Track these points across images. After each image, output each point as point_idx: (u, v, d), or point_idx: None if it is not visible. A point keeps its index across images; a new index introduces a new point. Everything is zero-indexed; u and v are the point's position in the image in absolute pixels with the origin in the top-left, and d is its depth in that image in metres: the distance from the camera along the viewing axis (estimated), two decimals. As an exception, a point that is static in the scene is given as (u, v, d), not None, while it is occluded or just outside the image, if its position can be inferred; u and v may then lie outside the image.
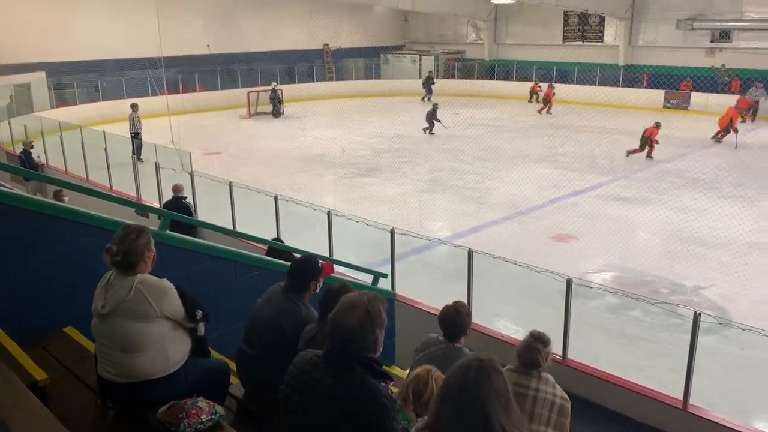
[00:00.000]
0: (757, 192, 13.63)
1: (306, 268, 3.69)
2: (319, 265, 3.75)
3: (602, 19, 30.34)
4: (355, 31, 34.05)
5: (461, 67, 33.59)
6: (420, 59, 33.65)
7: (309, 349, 2.46)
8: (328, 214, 8.09)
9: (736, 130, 18.94)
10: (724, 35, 26.69)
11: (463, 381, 1.87)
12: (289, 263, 5.77)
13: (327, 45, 32.21)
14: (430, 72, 30.94)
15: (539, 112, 25.59)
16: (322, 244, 7.90)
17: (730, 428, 4.82)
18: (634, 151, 17.13)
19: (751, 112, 23.02)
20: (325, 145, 19.20)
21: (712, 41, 26.98)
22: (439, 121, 20.60)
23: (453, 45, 35.24)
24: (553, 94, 25.90)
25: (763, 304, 8.07)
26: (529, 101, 28.31)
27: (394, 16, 36.33)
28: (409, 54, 34.73)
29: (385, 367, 2.49)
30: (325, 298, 3.33)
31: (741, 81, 25.40)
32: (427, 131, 20.66)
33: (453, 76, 32.41)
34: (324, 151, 18.37)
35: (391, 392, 2.43)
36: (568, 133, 21.36)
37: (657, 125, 17.03)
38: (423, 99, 28.58)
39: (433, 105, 20.93)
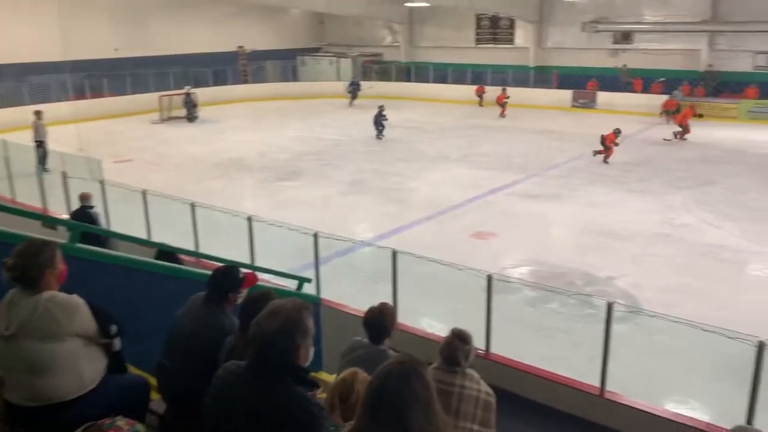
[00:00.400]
0: (660, 186, 14.48)
1: (226, 279, 3.59)
2: (241, 275, 3.65)
3: (512, 22, 31.35)
4: (270, 33, 33.64)
5: (379, 69, 33.84)
6: (337, 61, 33.64)
7: (232, 361, 2.39)
8: (249, 220, 7.94)
9: (686, 128, 19.83)
10: (626, 37, 28.18)
11: (383, 387, 1.85)
12: (176, 263, 5.67)
13: (242, 47, 31.63)
14: (354, 77, 30.87)
15: (500, 116, 25.54)
16: (243, 252, 7.75)
17: (644, 411, 5.07)
18: (601, 152, 17.10)
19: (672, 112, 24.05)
20: (244, 149, 18.85)
21: (614, 43, 28.42)
22: (386, 120, 20.23)
23: (370, 47, 35.44)
24: (507, 97, 25.92)
25: (670, 292, 8.55)
26: (479, 104, 28.45)
27: (309, 18, 36.15)
28: (326, 56, 34.65)
29: (312, 374, 2.46)
30: (246, 306, 3.24)
31: (642, 80, 26.91)
32: (378, 135, 20.37)
33: (371, 79, 32.57)
34: (242, 155, 18.04)
35: (319, 399, 2.40)
36: (483, 133, 21.96)
37: (616, 132, 17.16)
38: (350, 104, 28.41)
39: (379, 108, 20.44)
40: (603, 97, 27.18)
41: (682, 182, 14.80)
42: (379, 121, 20.21)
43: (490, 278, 5.85)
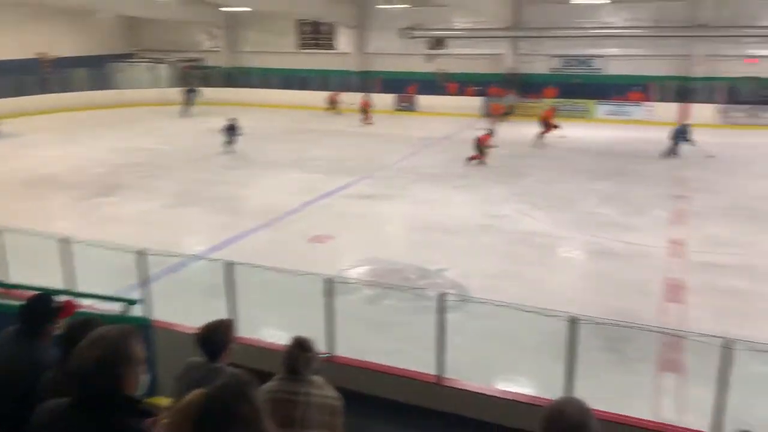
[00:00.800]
0: (480, 181, 15.56)
1: (39, 309, 3.26)
2: (57, 304, 3.34)
3: (333, 28, 31.89)
4: (78, 38, 31.11)
5: (200, 74, 32.69)
6: (155, 67, 31.97)
7: (54, 399, 2.18)
8: (64, 241, 7.28)
9: (554, 127, 20.92)
10: (440, 43, 29.88)
11: (207, 410, 1.81)
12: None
13: (44, 53, 28.85)
14: (189, 85, 29.31)
15: (362, 122, 25.27)
16: (61, 278, 7.09)
17: (478, 392, 5.41)
18: (473, 158, 17.36)
19: (503, 114, 25.71)
20: (54, 165, 17.24)
21: (429, 48, 30.00)
22: (239, 135, 19.18)
23: (189, 52, 34.12)
24: (369, 104, 25.97)
25: (494, 278, 9.21)
26: (332, 111, 28.22)
27: (121, 23, 33.96)
28: (143, 62, 32.78)
29: (148, 401, 2.32)
30: (66, 337, 2.97)
31: (458, 84, 28.73)
32: (228, 146, 19.06)
33: (192, 84, 31.38)
34: (53, 171, 16.48)
35: (159, 427, 2.26)
36: (313, 138, 22.11)
37: (490, 133, 17.81)
38: (185, 111, 26.95)
39: (231, 120, 19.17)
40: (423, 100, 28.61)
41: (499, 177, 16.02)
42: (230, 134, 19.20)
43: (329, 281, 5.89)
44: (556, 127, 21.01)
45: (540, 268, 9.94)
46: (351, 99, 27.38)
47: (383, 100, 28.61)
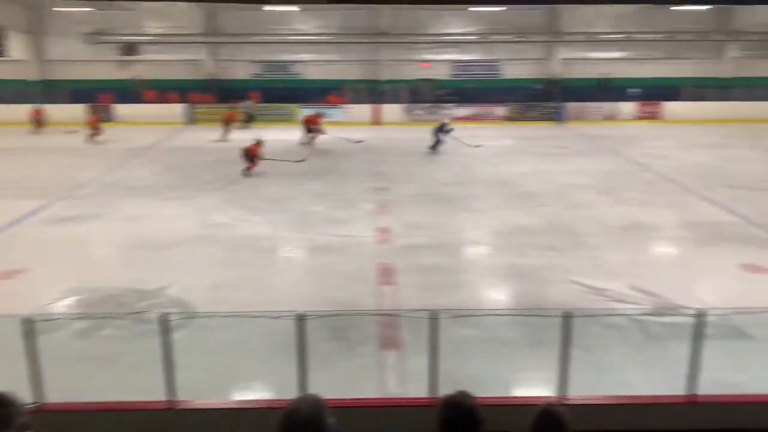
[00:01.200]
0: (191, 191, 15.09)
1: None
2: None
3: (1, 32, 28.02)
4: None
5: None
6: None
7: None
8: None
9: (319, 132, 21.36)
10: (132, 48, 28.22)
11: None
12: None
13: None
14: None
15: (91, 138, 22.05)
16: None
17: (216, 408, 5.28)
18: (249, 168, 16.76)
19: (243, 121, 25.12)
20: None
21: (122, 54, 28.14)
22: None
23: None
24: (99, 119, 23.10)
25: (219, 289, 9.01)
26: (34, 127, 24.21)
27: None
28: None
29: None
30: None
31: (157, 90, 27.48)
32: None
33: None
34: None
35: None
36: (-11, 159, 19.17)
37: (259, 142, 17.12)
38: None
39: None
40: (121, 109, 26.79)
41: (210, 185, 15.74)
42: None
43: (27, 321, 5.15)
44: (320, 131, 21.75)
45: (264, 271, 10.02)
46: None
47: (74, 111, 26.04)
